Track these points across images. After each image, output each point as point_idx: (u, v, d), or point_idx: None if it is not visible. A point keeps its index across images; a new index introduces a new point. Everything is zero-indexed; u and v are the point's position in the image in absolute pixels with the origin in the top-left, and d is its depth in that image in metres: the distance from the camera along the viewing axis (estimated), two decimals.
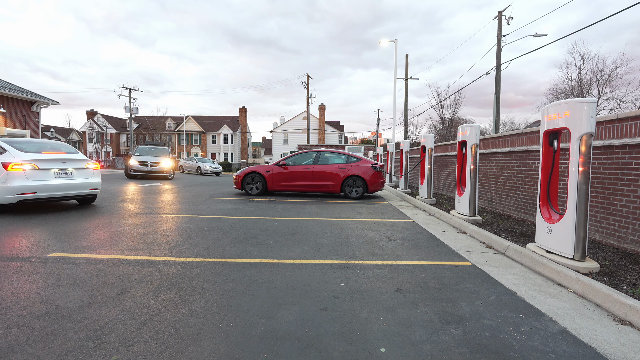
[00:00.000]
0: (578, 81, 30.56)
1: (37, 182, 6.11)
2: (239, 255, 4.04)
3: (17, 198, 5.95)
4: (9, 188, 5.85)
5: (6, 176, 5.84)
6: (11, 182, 5.85)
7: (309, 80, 35.61)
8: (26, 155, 6.15)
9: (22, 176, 5.97)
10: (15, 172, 5.88)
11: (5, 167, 5.86)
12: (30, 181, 6.03)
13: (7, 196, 5.87)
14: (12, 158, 5.97)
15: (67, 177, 6.63)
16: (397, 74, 18.73)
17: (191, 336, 2.23)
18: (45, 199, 6.33)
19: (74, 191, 6.73)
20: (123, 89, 37.86)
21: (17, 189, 5.90)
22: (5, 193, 5.86)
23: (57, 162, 6.49)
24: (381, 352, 2.10)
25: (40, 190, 6.15)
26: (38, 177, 6.16)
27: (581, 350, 2.19)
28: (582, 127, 3.51)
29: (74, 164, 6.74)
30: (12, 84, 22.42)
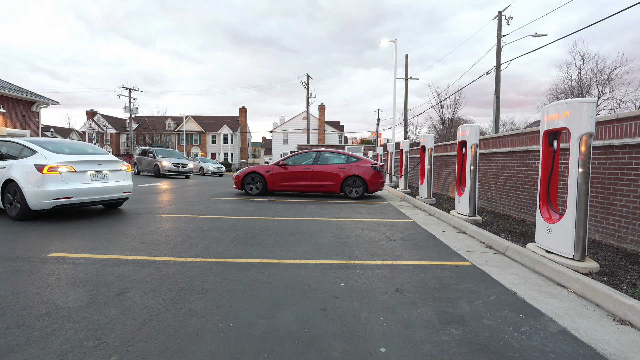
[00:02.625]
0: (578, 81, 30.58)
1: (74, 186, 5.66)
2: (238, 255, 4.04)
3: (53, 203, 5.48)
4: (44, 192, 5.38)
5: (41, 179, 5.38)
6: (47, 186, 5.39)
7: (309, 80, 35.62)
8: (60, 157, 5.71)
9: (59, 179, 5.51)
10: (51, 175, 5.43)
11: (40, 170, 5.40)
12: (66, 185, 5.59)
13: (42, 201, 5.41)
14: (45, 160, 5.53)
15: (102, 180, 6.19)
16: (397, 74, 18.73)
17: (191, 336, 2.23)
18: (80, 204, 5.90)
19: (110, 195, 6.27)
20: (123, 89, 37.86)
21: (54, 194, 5.44)
22: (40, 198, 5.39)
23: (93, 164, 6.04)
24: (381, 352, 2.10)
25: (77, 194, 5.70)
26: (74, 181, 5.71)
27: (581, 350, 2.19)
28: (582, 127, 3.51)
29: (109, 165, 6.31)
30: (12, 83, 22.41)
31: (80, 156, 6.00)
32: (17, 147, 5.98)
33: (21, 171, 5.52)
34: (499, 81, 19.40)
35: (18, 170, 5.55)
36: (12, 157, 5.88)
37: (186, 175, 20.44)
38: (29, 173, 5.44)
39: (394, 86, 19.04)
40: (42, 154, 5.67)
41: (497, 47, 19.48)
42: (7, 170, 5.68)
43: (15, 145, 6.05)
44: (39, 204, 5.43)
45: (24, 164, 5.57)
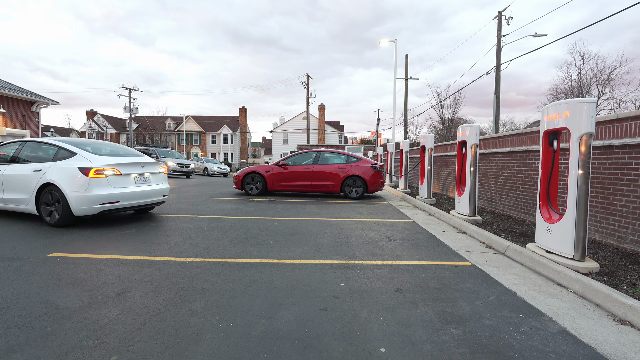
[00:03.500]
0: (578, 81, 30.58)
1: (119, 190, 5.37)
2: (238, 255, 4.04)
3: (100, 208, 5.18)
4: (91, 197, 5.05)
5: (87, 184, 5.04)
6: (93, 191, 5.06)
7: (309, 80, 35.63)
8: (104, 159, 5.37)
9: (105, 183, 5.20)
10: (97, 178, 5.11)
11: (85, 174, 5.06)
12: (112, 189, 5.28)
13: (88, 207, 5.08)
14: (88, 162, 5.18)
15: (145, 183, 5.90)
16: (397, 74, 18.73)
17: (191, 336, 2.23)
18: (124, 209, 5.60)
19: (151, 199, 5.97)
20: (123, 88, 37.87)
21: (100, 198, 5.12)
22: (86, 203, 5.06)
23: (137, 166, 5.74)
24: (381, 352, 2.10)
25: (122, 198, 5.39)
26: (120, 184, 5.41)
27: (581, 350, 2.19)
28: (582, 127, 3.51)
29: (150, 168, 6.03)
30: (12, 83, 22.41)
31: (123, 158, 5.68)
32: (50, 149, 5.58)
33: (63, 174, 5.13)
34: (499, 81, 19.41)
35: (59, 174, 5.15)
36: (45, 159, 5.49)
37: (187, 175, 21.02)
38: (73, 176, 5.09)
39: (394, 86, 19.05)
40: (84, 156, 5.30)
41: (497, 47, 19.48)
42: (44, 174, 5.24)
43: (48, 146, 5.64)
44: (84, 209, 5.10)
45: (65, 166, 5.20)
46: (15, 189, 5.51)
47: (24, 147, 5.77)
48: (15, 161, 5.68)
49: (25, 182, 5.40)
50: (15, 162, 5.66)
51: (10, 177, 5.56)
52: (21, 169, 5.52)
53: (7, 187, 5.60)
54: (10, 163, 5.70)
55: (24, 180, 5.42)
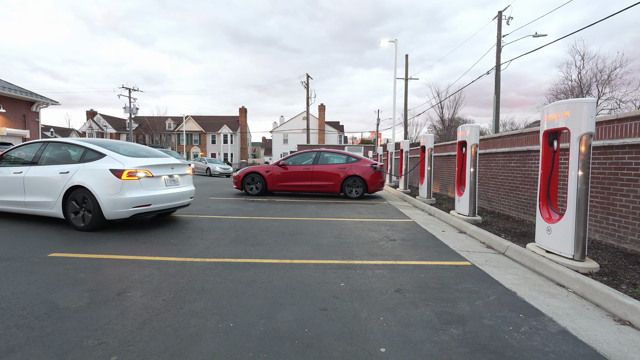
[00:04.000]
0: (578, 81, 30.57)
1: (152, 193, 5.19)
2: (238, 255, 4.04)
3: (133, 212, 5.01)
4: (124, 200, 4.88)
5: (120, 186, 4.87)
6: (127, 193, 4.89)
7: (309, 80, 35.63)
8: (135, 161, 5.19)
9: (138, 186, 5.03)
10: (130, 180, 4.94)
11: (118, 176, 4.88)
12: (145, 191, 5.10)
13: (120, 210, 4.91)
14: (119, 164, 4.99)
15: (175, 185, 5.74)
16: (397, 74, 18.73)
17: (191, 336, 2.23)
18: (155, 212, 5.44)
19: (180, 201, 5.76)
20: (123, 89, 37.87)
21: (134, 201, 4.96)
22: (119, 206, 4.89)
23: (167, 168, 5.58)
24: (381, 352, 2.10)
25: (154, 201, 5.22)
26: (152, 186, 5.25)
27: (581, 350, 2.19)
28: (581, 127, 3.51)
29: (179, 169, 5.85)
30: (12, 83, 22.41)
31: (154, 160, 5.49)
32: (77, 149, 5.35)
33: (93, 177, 4.93)
34: (499, 81, 19.41)
35: (89, 176, 4.95)
36: (71, 160, 5.27)
37: None
38: (105, 179, 4.90)
39: (394, 86, 19.05)
40: (114, 157, 5.10)
41: (497, 47, 19.48)
42: (72, 176, 5.02)
43: (74, 147, 5.42)
44: (117, 213, 4.93)
45: (95, 168, 4.99)
46: (39, 192, 5.25)
47: (47, 148, 5.53)
48: (37, 163, 5.43)
49: (50, 184, 5.16)
50: (38, 164, 5.41)
51: (33, 179, 5.30)
52: (45, 171, 5.27)
53: (29, 190, 5.33)
54: (32, 165, 5.44)
55: (49, 182, 5.17)
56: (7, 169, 5.60)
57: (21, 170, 5.44)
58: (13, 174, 5.46)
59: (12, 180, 5.46)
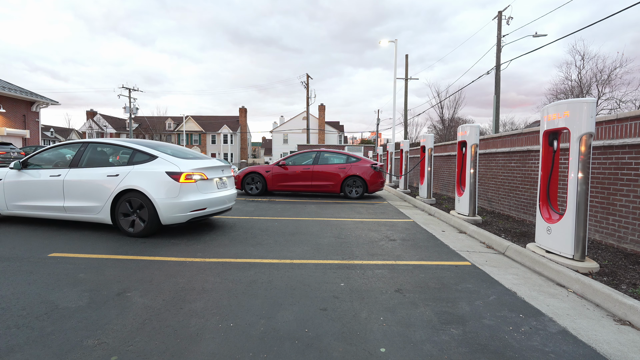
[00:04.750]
0: (578, 81, 30.58)
1: (206, 196, 5.02)
2: (238, 255, 4.04)
3: (189, 216, 4.82)
4: (182, 204, 4.69)
5: (178, 189, 4.67)
6: (184, 197, 4.70)
7: (309, 80, 35.64)
8: (190, 163, 4.99)
9: (194, 189, 4.84)
10: (188, 184, 4.74)
11: (176, 179, 4.67)
12: (201, 195, 4.93)
13: (178, 214, 4.71)
14: (174, 166, 4.78)
15: (224, 188, 5.56)
16: (397, 74, 18.74)
17: (191, 336, 2.23)
18: (208, 216, 5.23)
19: (227, 204, 5.56)
20: (123, 89, 37.88)
21: (191, 205, 4.77)
22: (176, 211, 4.69)
23: (218, 170, 5.41)
24: (381, 352, 2.10)
25: (208, 205, 5.03)
26: (206, 189, 5.06)
27: (581, 350, 2.19)
28: (581, 127, 3.51)
29: (227, 171, 5.68)
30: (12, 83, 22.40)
31: (205, 162, 5.29)
32: (123, 151, 5.14)
33: (149, 180, 4.69)
34: (499, 81, 19.41)
35: (143, 179, 4.70)
36: (118, 162, 5.06)
37: None
38: (162, 182, 4.67)
39: (394, 86, 19.05)
40: (167, 160, 4.88)
41: (497, 47, 19.49)
42: (123, 179, 4.74)
43: (120, 148, 5.20)
44: (174, 217, 4.72)
45: (149, 171, 4.75)
46: (83, 196, 4.91)
47: (87, 150, 5.20)
48: (77, 165, 5.08)
49: (96, 188, 4.84)
50: (78, 166, 5.06)
51: (74, 183, 4.94)
52: (89, 173, 4.94)
53: (70, 195, 4.97)
54: (72, 167, 5.08)
55: (95, 186, 4.85)
56: (40, 171, 5.20)
57: (59, 173, 5.06)
58: (49, 177, 5.06)
59: (48, 184, 5.05)
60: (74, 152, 5.28)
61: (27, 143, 21.22)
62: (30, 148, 18.55)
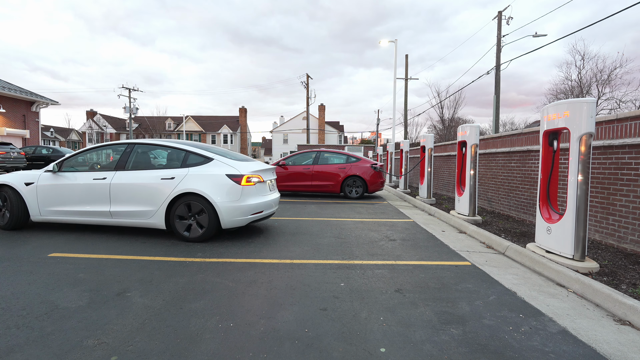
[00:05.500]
0: (578, 81, 30.57)
1: (263, 199, 4.94)
2: (238, 255, 4.04)
3: (249, 219, 4.73)
4: (243, 207, 4.59)
5: (240, 192, 4.56)
6: (245, 200, 4.62)
7: (309, 80, 35.64)
8: (246, 165, 4.91)
9: (254, 192, 4.76)
10: (248, 187, 4.66)
11: (237, 181, 4.56)
12: (258, 198, 4.84)
13: (239, 218, 4.60)
14: (233, 169, 4.67)
15: (274, 190, 5.49)
16: (397, 74, 18.74)
17: (191, 336, 2.23)
18: (261, 219, 5.12)
19: (274, 208, 5.40)
20: (123, 88, 37.88)
21: (252, 208, 4.70)
22: (238, 214, 4.57)
23: (269, 172, 5.32)
24: (381, 352, 2.10)
25: (264, 207, 4.95)
26: (262, 192, 4.98)
27: (581, 350, 2.19)
28: (581, 127, 3.51)
29: (274, 174, 5.59)
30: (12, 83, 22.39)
31: (258, 164, 5.21)
32: (176, 153, 4.95)
33: (207, 183, 4.54)
34: (499, 81, 19.41)
35: (202, 182, 4.54)
36: (171, 165, 4.86)
37: None
38: (223, 185, 4.54)
39: (394, 86, 19.06)
40: (223, 162, 4.76)
41: (497, 47, 19.49)
42: (180, 182, 4.55)
43: (172, 150, 5.00)
44: (235, 221, 4.60)
45: (208, 173, 4.61)
46: (133, 200, 4.67)
47: (133, 151, 4.96)
48: (124, 167, 4.84)
49: (149, 192, 4.62)
50: (125, 169, 4.83)
51: (123, 186, 4.69)
52: (139, 176, 4.71)
53: (118, 199, 4.71)
54: (118, 170, 4.83)
55: (148, 189, 4.63)
56: (81, 174, 4.90)
57: (104, 176, 4.78)
58: (92, 181, 4.78)
59: (91, 188, 4.77)
60: (119, 153, 5.03)
61: (27, 143, 21.22)
62: (30, 148, 18.56)
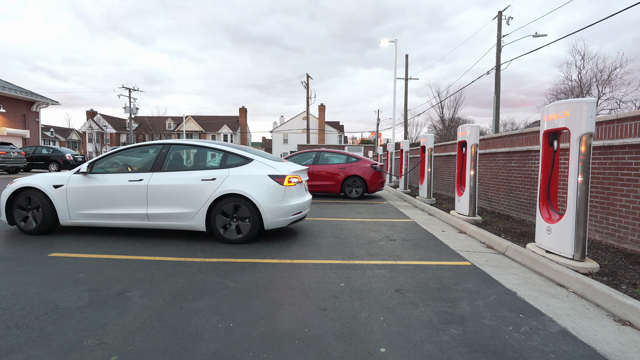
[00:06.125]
0: (578, 81, 30.57)
1: (301, 200, 4.93)
2: (238, 255, 4.04)
3: (290, 220, 4.72)
4: (286, 208, 4.59)
5: (282, 193, 4.56)
6: (288, 201, 4.62)
7: (309, 80, 35.64)
8: (286, 166, 4.89)
9: (294, 192, 4.77)
10: (290, 187, 4.67)
11: (280, 182, 4.55)
12: (298, 198, 4.85)
13: (282, 218, 4.59)
14: (274, 169, 4.65)
15: (307, 192, 5.44)
16: (397, 74, 18.74)
17: (191, 336, 2.23)
18: (299, 220, 5.06)
19: (308, 210, 5.29)
20: (123, 88, 37.88)
21: (293, 209, 4.69)
22: (281, 215, 4.56)
23: (304, 174, 5.27)
24: (381, 352, 2.10)
25: (302, 208, 4.94)
26: (300, 193, 4.99)
27: (581, 350, 2.19)
28: (581, 127, 3.51)
29: (306, 175, 5.47)
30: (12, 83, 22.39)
31: (295, 165, 5.17)
32: (213, 153, 4.93)
33: (250, 183, 4.49)
34: (499, 81, 19.41)
35: (244, 183, 4.49)
36: (209, 166, 4.82)
37: None
38: (266, 185, 4.51)
39: (394, 86, 19.06)
40: (263, 162, 4.73)
41: (497, 47, 19.49)
42: (222, 183, 4.49)
43: (208, 150, 4.96)
44: (278, 222, 4.58)
45: (250, 174, 4.57)
46: (172, 202, 4.56)
47: (170, 152, 4.85)
48: (161, 169, 4.73)
49: (190, 193, 4.52)
50: (162, 170, 4.72)
51: (160, 188, 4.57)
52: (178, 177, 4.60)
53: (155, 201, 4.58)
54: (154, 171, 4.71)
55: (188, 191, 4.53)
56: (114, 176, 4.76)
57: (140, 177, 4.66)
58: (128, 182, 4.64)
59: (127, 190, 4.64)
60: (155, 154, 4.89)
61: (27, 143, 21.22)
62: (30, 148, 18.56)
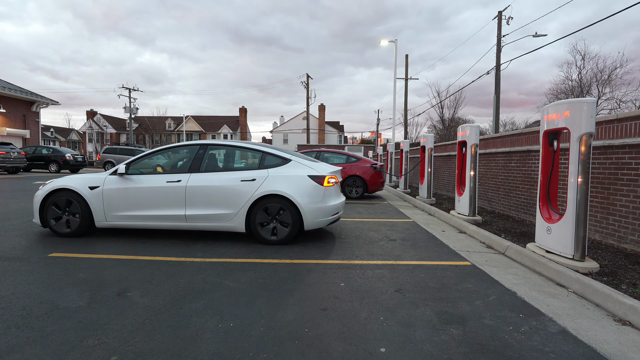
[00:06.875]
0: (578, 81, 30.56)
1: (338, 200, 4.91)
2: (238, 255, 4.04)
3: (329, 220, 4.71)
4: (326, 209, 4.59)
5: (322, 194, 4.55)
6: (327, 201, 4.61)
7: (309, 80, 35.64)
8: (324, 166, 4.89)
9: (333, 193, 4.77)
10: (329, 187, 4.66)
11: (320, 183, 4.55)
12: (337, 199, 4.87)
13: (321, 219, 4.58)
14: (313, 170, 4.65)
15: (341, 194, 5.38)
16: (397, 74, 18.75)
17: (191, 336, 2.23)
18: (333, 222, 4.98)
19: (342, 211, 5.20)
20: (123, 88, 37.87)
21: (332, 209, 4.69)
22: (321, 215, 4.56)
23: (339, 174, 5.22)
24: (381, 352, 2.10)
25: (339, 209, 4.91)
26: (337, 194, 4.96)
27: (581, 350, 2.19)
28: (581, 127, 3.51)
29: (340, 176, 5.35)
30: (12, 83, 22.38)
31: (330, 166, 5.16)
32: (251, 154, 4.93)
33: (291, 184, 4.49)
34: (499, 81, 19.41)
35: (285, 183, 4.48)
36: (247, 166, 4.83)
37: None
38: (306, 186, 4.51)
39: (394, 86, 19.07)
40: (301, 163, 4.73)
41: (497, 47, 19.49)
42: (262, 183, 4.47)
43: (246, 151, 4.98)
44: (317, 222, 4.56)
45: (291, 174, 4.56)
46: (210, 203, 4.52)
47: (206, 152, 4.81)
48: (197, 169, 4.70)
49: (229, 194, 4.49)
50: (199, 171, 4.69)
51: (199, 189, 4.53)
52: (217, 178, 4.57)
53: (193, 202, 4.54)
54: (192, 172, 4.68)
55: (228, 192, 4.49)
56: (150, 177, 4.70)
57: (178, 178, 4.61)
58: (166, 184, 4.59)
59: (164, 191, 4.58)
60: (191, 155, 4.86)
61: (27, 143, 21.22)
62: (30, 148, 18.56)
